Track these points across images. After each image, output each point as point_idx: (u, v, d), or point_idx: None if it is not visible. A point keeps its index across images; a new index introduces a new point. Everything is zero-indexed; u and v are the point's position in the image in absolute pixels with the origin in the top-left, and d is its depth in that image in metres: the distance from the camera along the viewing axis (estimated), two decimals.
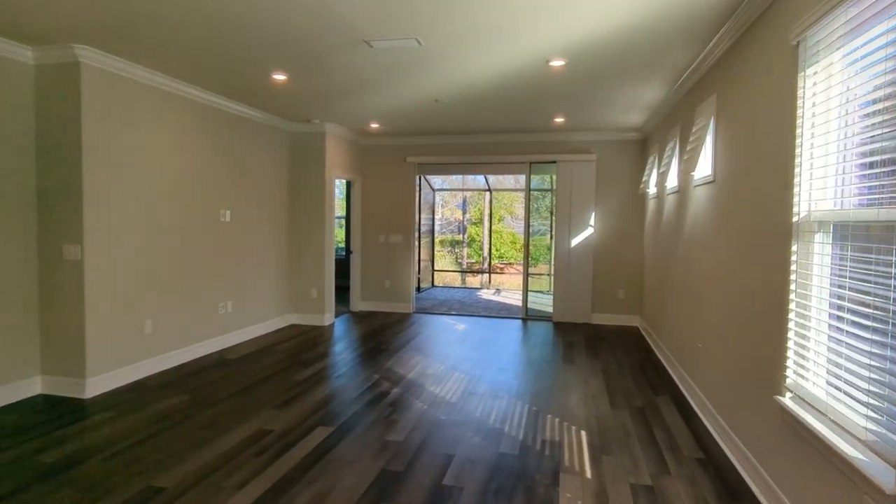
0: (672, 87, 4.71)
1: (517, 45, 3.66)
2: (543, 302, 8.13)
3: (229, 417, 3.63)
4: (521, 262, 7.84)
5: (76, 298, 3.95)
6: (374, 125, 6.68)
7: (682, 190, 4.60)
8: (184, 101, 4.86)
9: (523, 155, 7.30)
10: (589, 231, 7.10)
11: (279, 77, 4.50)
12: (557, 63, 4.04)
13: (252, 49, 3.79)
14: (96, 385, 4.04)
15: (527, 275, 7.51)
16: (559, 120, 6.20)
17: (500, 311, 8.25)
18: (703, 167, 3.93)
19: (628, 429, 3.55)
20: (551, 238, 9.88)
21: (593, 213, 7.08)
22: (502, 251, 19.29)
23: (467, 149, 7.49)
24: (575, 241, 7.15)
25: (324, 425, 3.52)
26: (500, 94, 5.03)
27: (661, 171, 5.36)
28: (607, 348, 5.77)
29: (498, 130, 6.98)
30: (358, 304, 7.85)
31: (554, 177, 7.86)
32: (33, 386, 4.01)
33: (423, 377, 4.62)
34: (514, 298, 9.77)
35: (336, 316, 7.40)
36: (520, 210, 20.36)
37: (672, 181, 5.00)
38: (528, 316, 7.52)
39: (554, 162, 7.22)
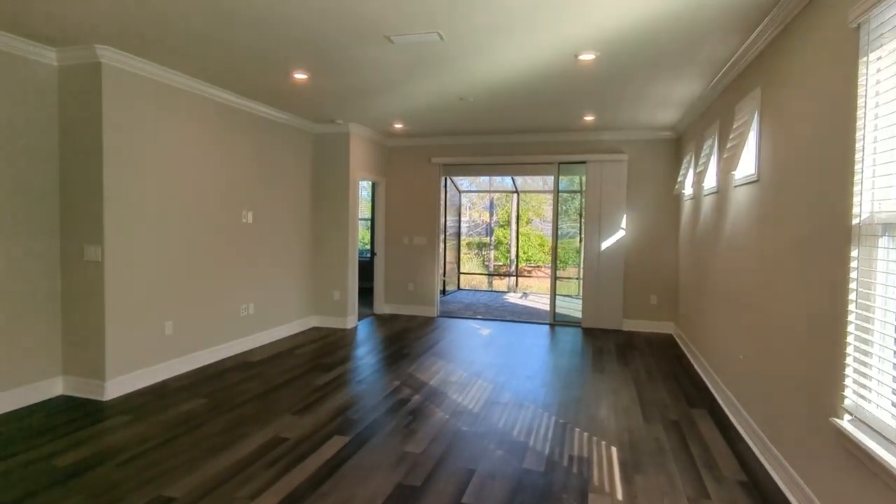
0: (710, 82, 4.45)
1: (544, 38, 3.48)
2: (572, 307, 7.88)
3: (246, 423, 3.55)
4: (550, 265, 7.61)
5: (96, 299, 3.93)
6: (398, 125, 6.57)
7: (722, 190, 4.34)
8: (205, 102, 4.83)
9: (551, 155, 7.08)
10: (620, 234, 6.84)
11: (300, 76, 4.42)
12: (587, 57, 3.84)
13: (271, 48, 3.71)
14: (116, 387, 4.02)
15: (555, 279, 7.28)
16: (589, 118, 5.97)
17: (526, 316, 8.04)
18: (746, 166, 3.67)
19: (662, 444, 3.32)
20: (580, 241, 9.63)
21: (624, 215, 6.82)
22: (530, 254, 19.01)
23: (493, 149, 7.32)
24: (605, 244, 6.89)
25: (340, 434, 3.40)
26: (527, 92, 4.84)
27: (697, 170, 5.09)
28: (639, 356, 5.51)
29: (525, 130, 6.79)
30: (381, 306, 7.75)
31: (583, 178, 7.62)
32: (55, 386, 4.00)
33: (445, 384, 4.47)
34: (541, 303, 9.54)
35: (359, 319, 7.31)
36: (548, 212, 20.01)
37: (710, 181, 4.73)
38: (555, 321, 7.29)
39: (583, 162, 6.98)
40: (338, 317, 6.71)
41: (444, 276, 10.47)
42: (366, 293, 8.90)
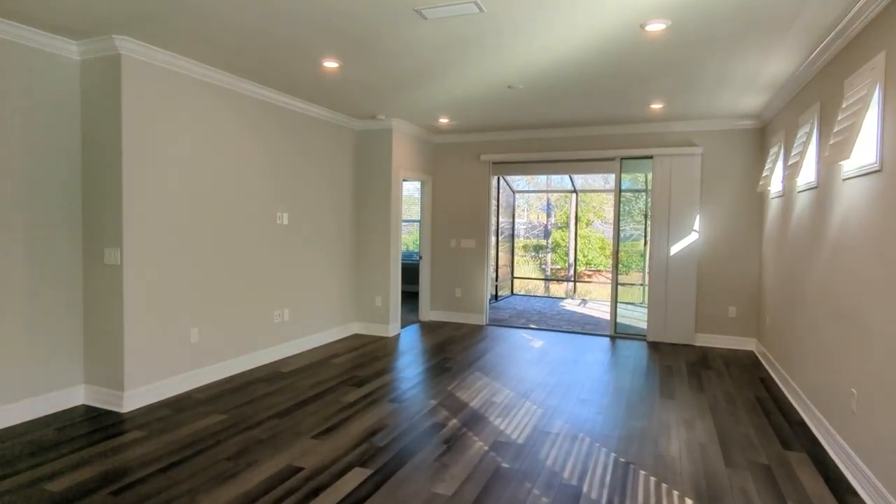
0: (808, 56, 3.70)
1: (603, 4, 2.91)
2: (635, 316, 7.14)
3: (262, 446, 3.19)
4: (611, 269, 6.94)
5: (115, 305, 3.71)
6: (444, 120, 6.12)
7: (824, 185, 3.58)
8: (234, 96, 4.57)
9: (613, 150, 6.40)
10: (692, 237, 6.06)
11: (330, 65, 4.05)
12: (656, 27, 3.23)
13: (296, 32, 3.35)
14: (135, 398, 3.79)
15: (616, 286, 6.59)
16: (656, 106, 5.28)
17: (584, 326, 7.37)
18: (863, 154, 2.93)
19: (751, 498, 2.67)
20: (645, 244, 8.83)
21: (697, 216, 6.04)
22: (590, 257, 18.09)
23: (547, 144, 6.72)
24: (675, 249, 6.13)
25: (362, 466, 2.97)
26: (584, 76, 4.26)
27: (790, 163, 4.31)
28: (716, 378, 4.76)
29: (582, 122, 6.16)
30: (427, 313, 7.33)
31: (649, 175, 6.88)
32: (76, 395, 3.83)
33: (487, 406, 3.96)
34: (601, 311, 8.81)
35: (404, 326, 6.91)
36: (609, 213, 19.02)
37: (807, 175, 3.97)
38: (616, 333, 6.60)
39: (650, 157, 6.26)
40: (380, 324, 6.34)
41: (497, 280, 9.94)
42: (413, 298, 8.53)
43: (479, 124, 6.38)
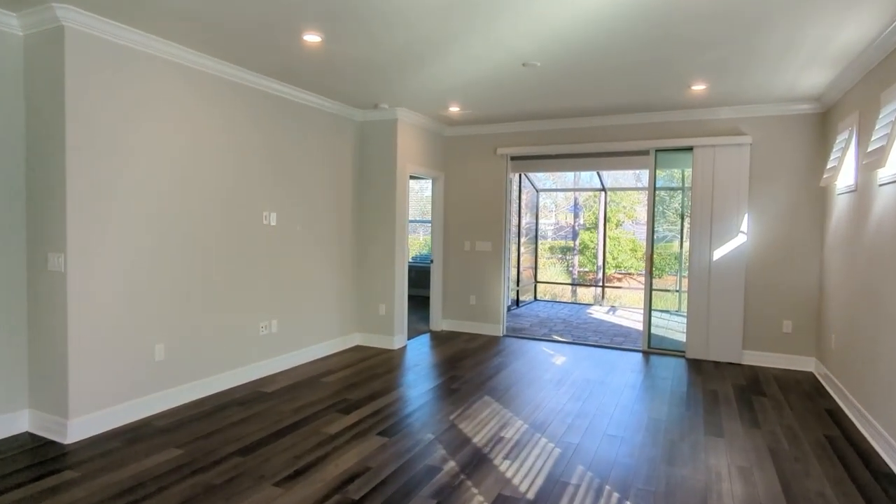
0: None
1: None
2: (671, 326, 6.35)
3: (211, 496, 2.61)
4: (643, 273, 6.17)
5: (59, 317, 3.19)
6: (454, 108, 5.48)
7: None
8: (209, 80, 4.02)
9: (646, 140, 5.65)
10: (739, 239, 5.27)
11: (312, 38, 3.46)
12: None
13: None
14: (81, 427, 3.26)
15: (650, 294, 5.83)
16: (698, 87, 4.52)
17: (613, 338, 6.62)
18: None
19: None
20: (681, 246, 8.02)
21: (746, 216, 5.24)
22: (620, 259, 17.19)
23: (571, 136, 6.01)
24: (719, 253, 5.35)
25: None
26: (614, 46, 3.56)
27: (869, 150, 3.52)
28: (773, 409, 3.99)
29: (610, 109, 5.43)
30: (438, 322, 6.69)
31: (686, 171, 6.12)
32: (19, 421, 3.33)
33: (494, 444, 3.30)
34: (632, 320, 8.02)
35: (413, 336, 6.30)
36: (641, 213, 18.04)
37: (892, 167, 3.18)
38: (650, 348, 5.84)
39: (689, 148, 5.49)
40: (383, 335, 5.73)
41: (518, 285, 9.24)
42: (426, 305, 7.91)
43: (494, 113, 5.72)
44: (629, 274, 17.68)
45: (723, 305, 5.34)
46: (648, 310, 5.84)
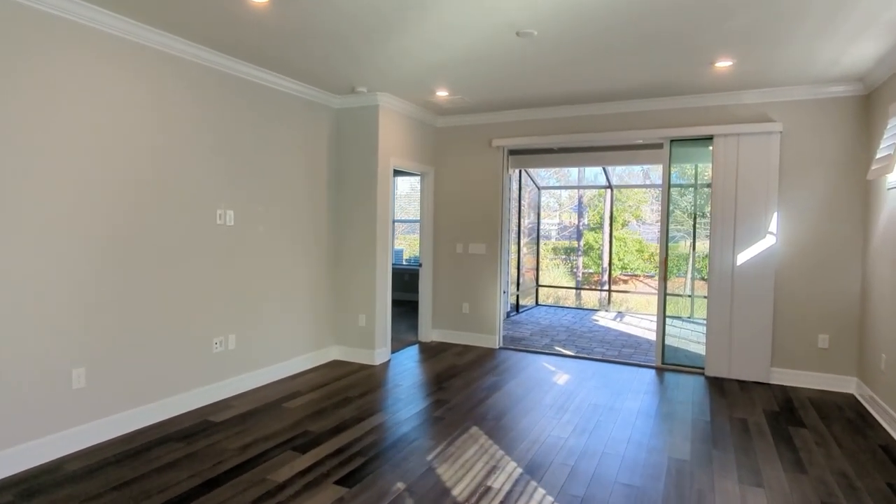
0: None
1: None
2: (685, 336, 5.67)
3: None
4: (651, 274, 5.50)
5: None
6: (442, 93, 4.84)
7: None
8: (146, 54, 3.40)
9: (660, 129, 5.00)
10: (767, 241, 4.61)
11: None
12: None
13: None
14: None
15: (664, 302, 5.18)
16: (723, 64, 3.87)
17: (621, 350, 5.97)
18: None
19: None
20: (693, 247, 7.38)
21: (775, 214, 4.58)
22: (626, 261, 16.53)
23: (574, 125, 5.36)
24: (743, 257, 4.69)
25: None
26: (625, 18, 2.92)
27: None
28: (816, 444, 3.33)
29: (620, 94, 4.77)
30: (428, 332, 6.05)
31: (700, 166, 5.48)
32: None
33: (478, 497, 2.66)
34: (642, 328, 7.37)
35: (399, 348, 5.66)
36: (647, 213, 17.36)
37: None
38: (665, 363, 5.18)
39: (709, 138, 4.84)
40: (363, 349, 5.10)
41: (518, 290, 8.60)
42: (414, 312, 7.28)
43: (487, 100, 5.07)
44: (635, 276, 17.03)
45: (748, 316, 4.68)
46: (662, 320, 5.19)
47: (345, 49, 3.67)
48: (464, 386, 4.44)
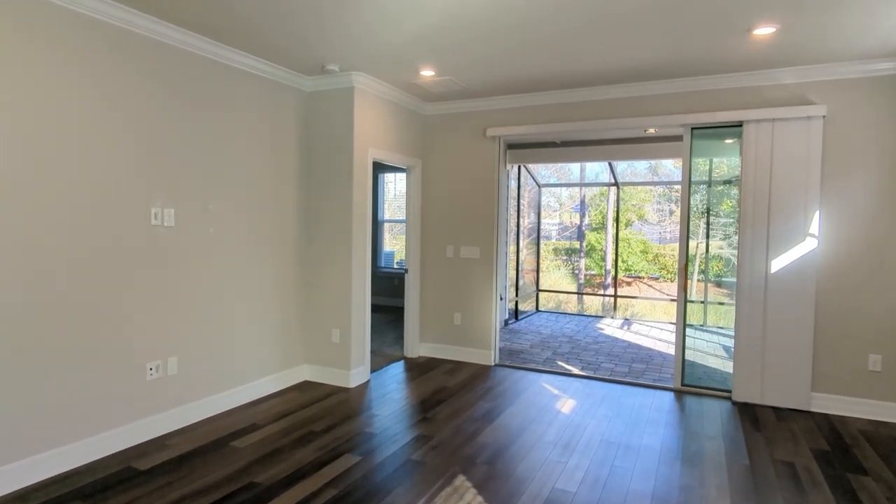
0: None
1: None
2: (700, 347, 4.99)
3: None
4: (655, 276, 4.86)
5: None
6: (428, 72, 4.17)
7: None
8: (69, 19, 2.73)
9: (678, 115, 4.33)
10: (807, 245, 3.94)
11: None
12: None
13: None
14: None
15: (684, 315, 4.50)
16: (764, 32, 3.20)
17: (632, 365, 5.31)
18: None
19: None
20: (707, 250, 6.74)
21: (816, 213, 3.91)
22: (629, 262, 15.89)
23: (579, 111, 4.69)
24: (778, 263, 4.02)
25: None
26: None
27: None
28: (889, 498, 2.67)
29: (632, 74, 4.10)
30: (415, 346, 5.38)
31: (717, 160, 4.85)
32: None
33: None
34: (652, 337, 6.70)
35: (382, 365, 4.99)
36: (650, 212, 16.71)
37: None
38: (685, 385, 4.51)
39: (737, 125, 4.18)
40: (338, 369, 4.43)
41: (518, 295, 7.93)
42: (400, 320, 6.60)
43: (480, 81, 4.40)
44: (639, 278, 16.36)
45: (784, 332, 4.01)
46: (682, 335, 4.52)
47: (311, 13, 3.00)
48: (452, 415, 3.77)
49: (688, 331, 4.82)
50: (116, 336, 3.07)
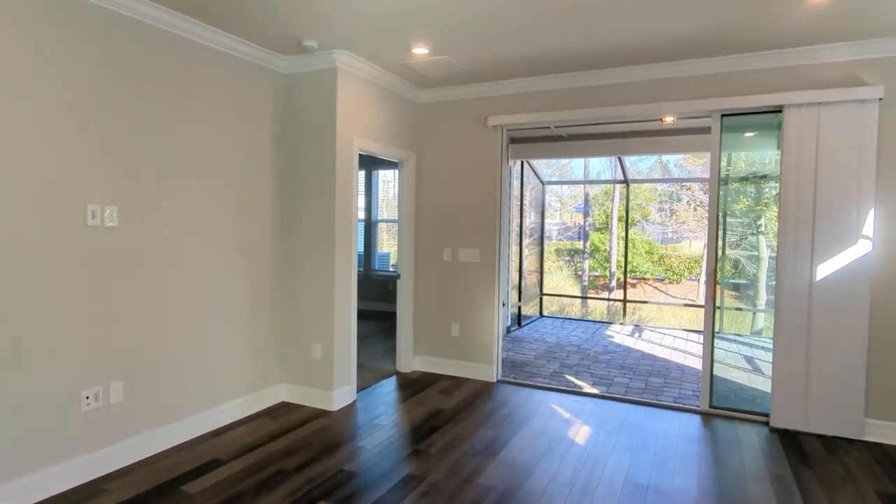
0: None
1: None
2: (720, 357, 4.43)
3: None
4: (660, 277, 4.33)
5: None
6: (420, 50, 3.62)
7: None
8: None
9: (705, 100, 3.79)
10: (860, 248, 3.41)
11: None
12: None
13: None
14: None
15: (713, 325, 3.97)
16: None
17: (649, 379, 4.79)
18: None
19: None
20: (723, 252, 6.24)
21: (871, 212, 3.38)
22: (634, 263, 15.37)
23: (589, 96, 4.15)
24: (825, 269, 3.49)
25: None
26: None
27: None
28: None
29: (653, 53, 3.56)
30: (408, 360, 4.84)
31: (736, 155, 4.38)
32: None
33: None
34: (666, 346, 6.17)
35: (372, 382, 4.46)
36: (654, 212, 16.18)
37: None
38: (713, 407, 3.97)
39: (776, 110, 3.64)
40: (319, 388, 3.89)
41: (520, 300, 7.40)
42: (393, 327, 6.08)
43: (481, 61, 3.86)
44: (644, 279, 15.82)
45: (832, 348, 3.47)
46: (710, 351, 3.98)
47: None
48: (449, 447, 3.24)
49: (697, 337, 4.27)
50: (44, 359, 2.53)
